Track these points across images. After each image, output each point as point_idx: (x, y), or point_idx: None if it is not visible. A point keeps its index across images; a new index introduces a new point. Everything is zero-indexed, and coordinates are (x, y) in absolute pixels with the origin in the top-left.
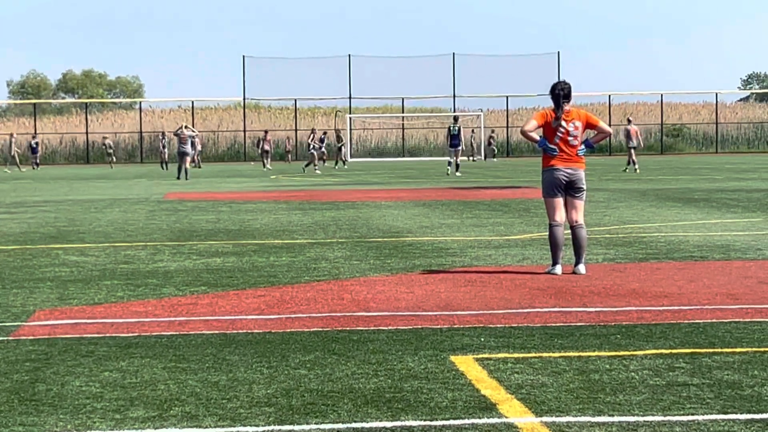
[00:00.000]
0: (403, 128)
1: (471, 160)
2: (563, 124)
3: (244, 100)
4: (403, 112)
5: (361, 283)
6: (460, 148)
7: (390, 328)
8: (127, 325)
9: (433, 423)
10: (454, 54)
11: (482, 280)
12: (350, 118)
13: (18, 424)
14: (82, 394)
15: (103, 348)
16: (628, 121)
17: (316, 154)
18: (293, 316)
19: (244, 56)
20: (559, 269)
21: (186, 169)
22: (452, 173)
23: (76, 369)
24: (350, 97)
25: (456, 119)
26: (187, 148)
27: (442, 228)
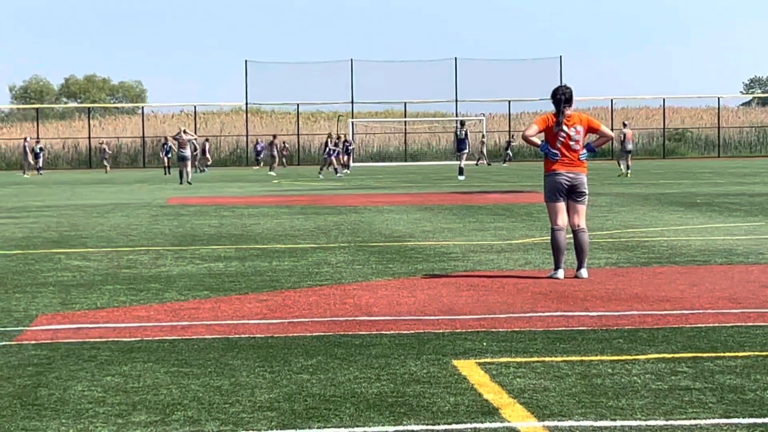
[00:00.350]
0: (405, 133)
1: (476, 165)
2: (564, 129)
3: (247, 104)
4: (406, 117)
5: (364, 288)
6: (466, 152)
7: (392, 332)
8: (129, 330)
9: (436, 427)
10: (456, 58)
11: (484, 285)
12: (353, 123)
13: (20, 428)
14: (85, 398)
15: (106, 352)
16: (624, 125)
17: (333, 159)
18: (295, 320)
19: (246, 61)
20: (561, 273)
21: (187, 173)
22: (459, 177)
23: (78, 373)
24: (353, 102)
25: (462, 123)
26: (187, 153)
27: (445, 232)
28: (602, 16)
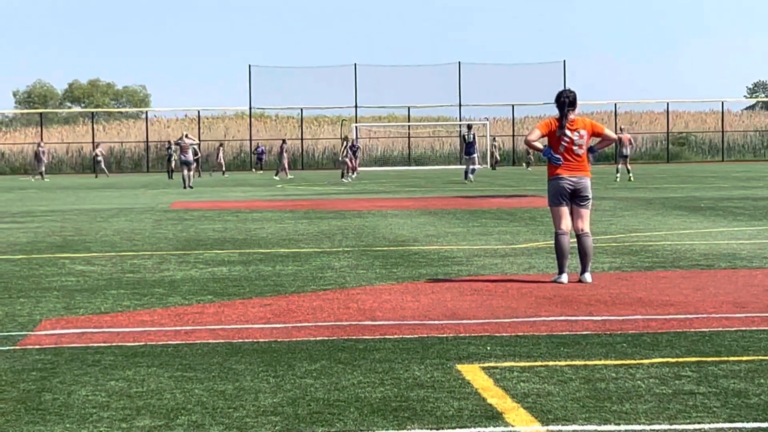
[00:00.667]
0: (409, 137)
1: (492, 168)
2: (567, 133)
3: (251, 109)
4: (409, 121)
5: (367, 292)
6: (474, 156)
7: (396, 336)
8: (133, 335)
9: None
10: (459, 63)
11: (488, 289)
12: (356, 127)
13: None
14: (89, 403)
15: (110, 357)
16: (620, 129)
17: (349, 164)
18: (299, 325)
19: (250, 65)
20: (565, 278)
21: (189, 177)
22: (469, 179)
23: (82, 378)
24: (356, 106)
25: (469, 127)
26: (189, 157)
27: (448, 237)
28: (606, 21)
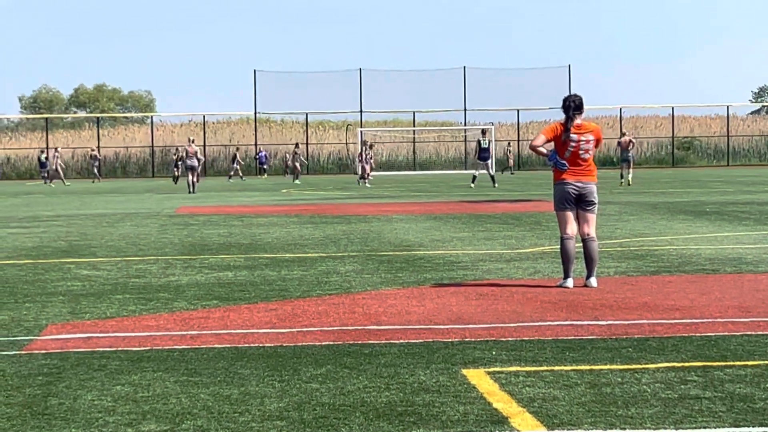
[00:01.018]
0: (414, 142)
1: (511, 173)
2: (573, 138)
3: (256, 114)
4: (414, 126)
5: (373, 297)
6: (489, 161)
7: (401, 341)
8: (138, 339)
9: None
10: (465, 67)
11: (494, 294)
12: (361, 132)
13: None
14: (95, 407)
15: (115, 362)
16: (622, 133)
17: (368, 167)
18: (305, 329)
19: (255, 70)
20: (570, 282)
21: (193, 183)
22: (476, 185)
23: (88, 383)
24: (361, 111)
25: (484, 132)
26: (194, 162)
27: (454, 241)
28: (611, 25)
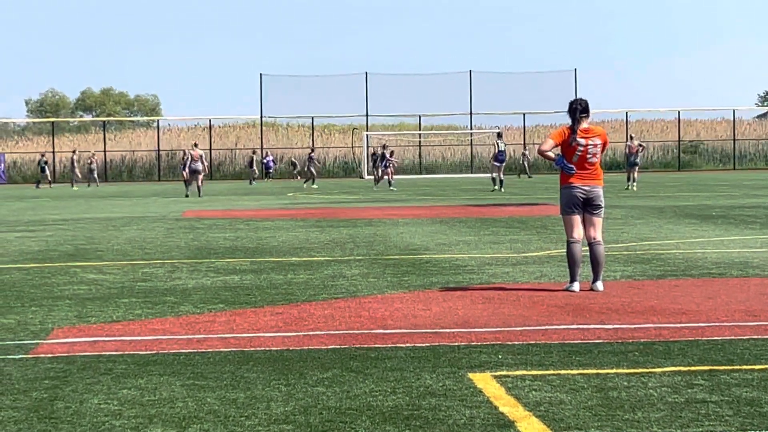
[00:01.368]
0: (420, 145)
1: (518, 177)
2: (581, 142)
3: (261, 117)
4: (420, 130)
5: (379, 301)
6: (505, 164)
7: (408, 345)
8: (145, 343)
9: None
10: (471, 71)
11: (500, 297)
12: (367, 136)
13: None
14: (101, 411)
15: (122, 366)
16: (631, 137)
17: (390, 170)
18: (311, 333)
19: (261, 74)
20: (576, 286)
21: (198, 187)
22: (497, 189)
23: (94, 387)
24: (367, 115)
25: (500, 135)
26: (198, 166)
27: (460, 245)
28: (616, 29)
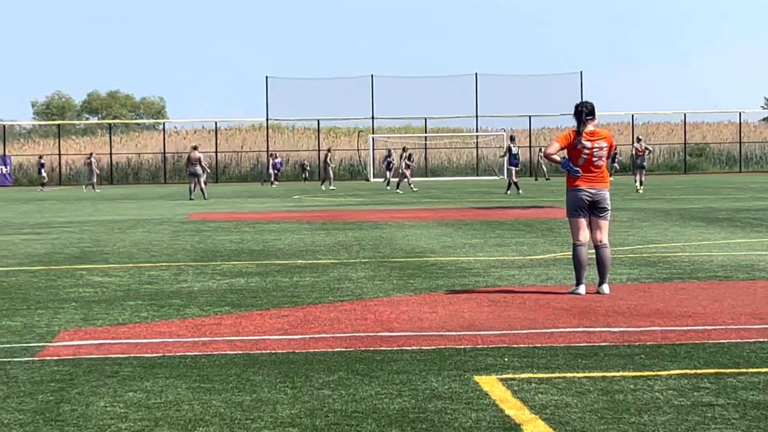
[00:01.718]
0: (425, 148)
1: (544, 180)
2: (587, 144)
3: (267, 120)
4: (426, 132)
5: (385, 303)
6: (519, 168)
7: (413, 348)
8: (151, 346)
9: None
10: (477, 74)
11: (506, 300)
12: (372, 138)
13: None
14: (107, 414)
15: (128, 368)
16: (638, 139)
17: (408, 172)
18: (317, 336)
19: (267, 77)
20: (582, 289)
21: (201, 190)
22: (513, 192)
23: (100, 389)
24: (373, 117)
25: (513, 138)
26: (197, 169)
27: (465, 248)
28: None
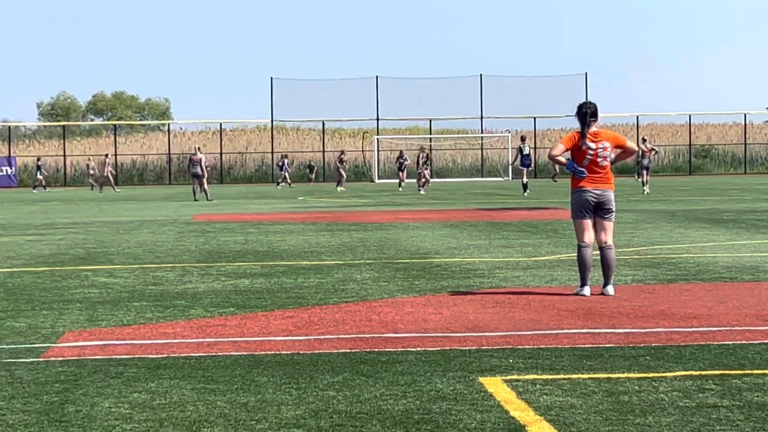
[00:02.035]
0: (430, 149)
1: (553, 181)
2: (591, 146)
3: (272, 121)
4: (431, 134)
5: (389, 305)
6: (531, 168)
7: (418, 349)
8: (156, 347)
9: None
10: (481, 75)
11: (510, 302)
12: (377, 140)
13: None
14: (112, 415)
15: (132, 369)
16: (643, 140)
17: (426, 173)
18: (321, 337)
19: (272, 78)
20: (587, 290)
21: (204, 191)
22: (522, 193)
23: (105, 390)
24: (377, 119)
25: (523, 139)
26: (198, 170)
27: (470, 249)
28: (627, 33)
